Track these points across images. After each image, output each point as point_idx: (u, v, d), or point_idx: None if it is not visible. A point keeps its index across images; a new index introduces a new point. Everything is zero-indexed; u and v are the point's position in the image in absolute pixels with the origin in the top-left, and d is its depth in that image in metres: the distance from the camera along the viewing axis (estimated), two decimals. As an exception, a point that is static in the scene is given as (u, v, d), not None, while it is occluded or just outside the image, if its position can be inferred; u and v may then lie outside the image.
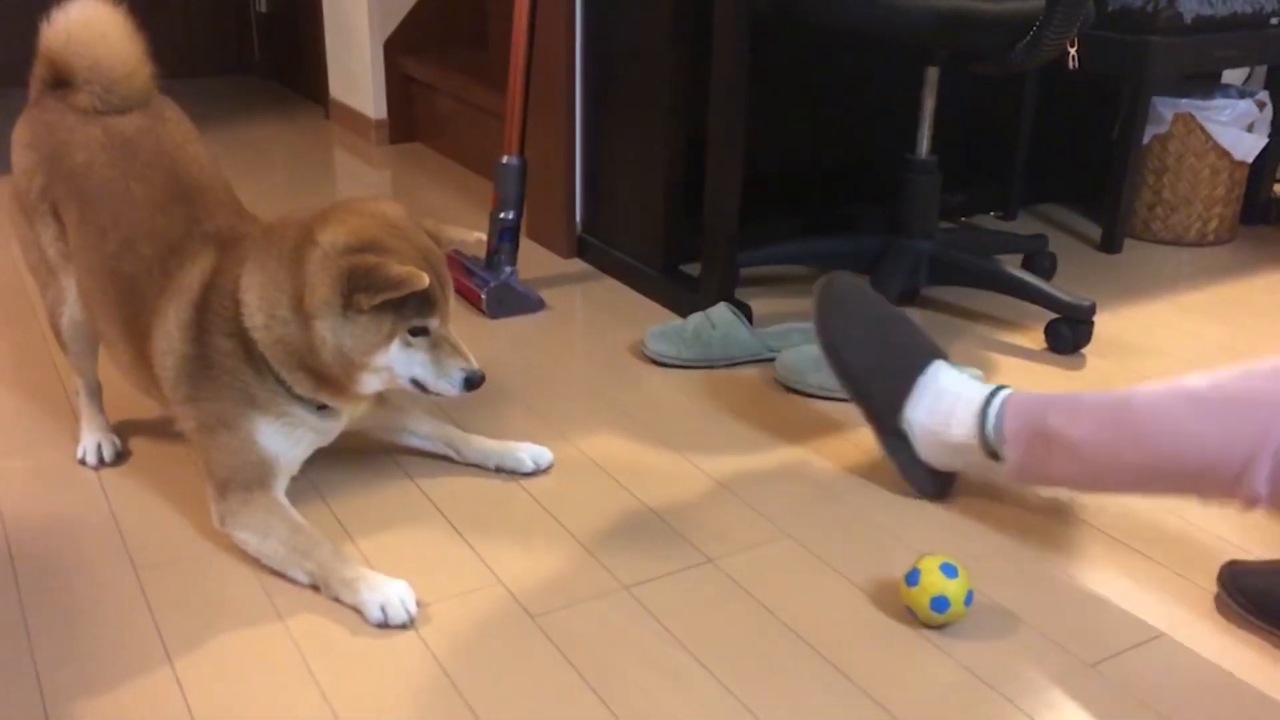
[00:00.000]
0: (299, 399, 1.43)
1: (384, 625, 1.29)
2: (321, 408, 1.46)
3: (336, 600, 1.33)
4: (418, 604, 1.31)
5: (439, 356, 1.40)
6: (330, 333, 1.35)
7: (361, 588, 1.31)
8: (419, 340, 1.39)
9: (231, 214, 1.51)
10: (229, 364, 1.40)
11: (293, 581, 1.36)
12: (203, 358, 1.41)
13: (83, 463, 1.62)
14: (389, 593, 1.30)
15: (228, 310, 1.40)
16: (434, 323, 1.39)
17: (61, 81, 1.52)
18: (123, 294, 1.47)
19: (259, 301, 1.38)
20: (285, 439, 1.44)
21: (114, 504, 1.53)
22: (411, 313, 1.36)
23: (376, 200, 1.42)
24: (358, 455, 1.65)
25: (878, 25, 1.95)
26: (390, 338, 1.36)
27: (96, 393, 1.66)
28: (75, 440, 1.65)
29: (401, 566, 1.40)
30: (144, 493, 1.56)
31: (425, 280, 1.31)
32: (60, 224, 1.54)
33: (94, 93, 1.50)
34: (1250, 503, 1.24)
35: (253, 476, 1.41)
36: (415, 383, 1.41)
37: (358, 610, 1.31)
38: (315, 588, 1.35)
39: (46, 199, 1.53)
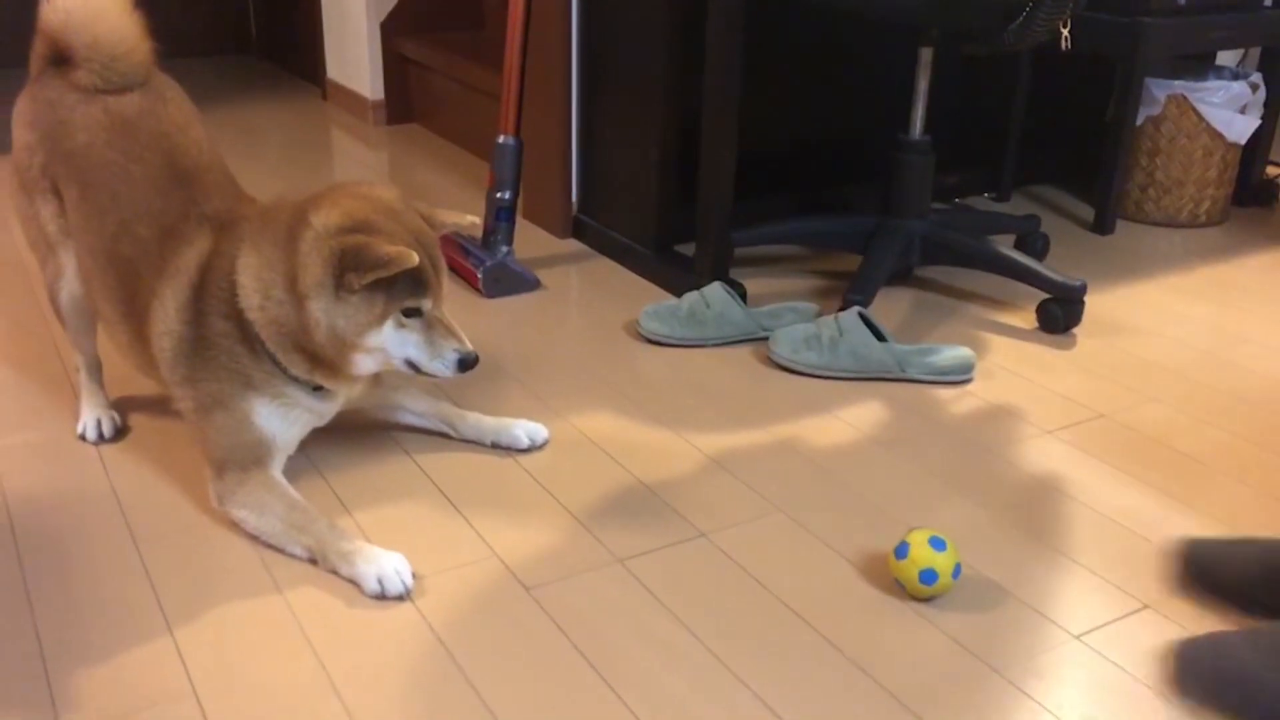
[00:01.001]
0: (295, 380, 1.44)
1: (381, 597, 1.31)
2: (317, 389, 1.47)
3: (334, 573, 1.34)
4: (414, 576, 1.33)
5: (432, 338, 1.41)
6: (323, 313, 1.36)
7: (358, 560, 1.33)
8: (412, 321, 1.40)
9: (229, 197, 1.52)
10: (225, 345, 1.42)
11: (291, 556, 1.38)
12: (199, 339, 1.42)
13: (83, 438, 1.64)
14: (385, 565, 1.32)
15: (224, 292, 1.41)
16: (427, 304, 1.40)
17: (61, 59, 1.52)
18: (121, 274, 1.48)
19: (254, 283, 1.39)
20: (281, 420, 1.46)
21: (114, 479, 1.55)
22: (404, 293, 1.37)
23: (372, 184, 1.43)
24: (356, 431, 1.67)
25: (872, 5, 1.96)
26: (382, 318, 1.38)
27: (96, 369, 1.67)
28: (75, 416, 1.67)
29: (398, 540, 1.42)
30: (144, 468, 1.57)
31: (415, 259, 1.32)
32: (60, 200, 1.55)
33: (93, 70, 1.50)
34: None
35: (249, 457, 1.43)
36: (409, 364, 1.43)
37: (355, 582, 1.33)
38: (313, 561, 1.37)
39: (47, 175, 1.54)
